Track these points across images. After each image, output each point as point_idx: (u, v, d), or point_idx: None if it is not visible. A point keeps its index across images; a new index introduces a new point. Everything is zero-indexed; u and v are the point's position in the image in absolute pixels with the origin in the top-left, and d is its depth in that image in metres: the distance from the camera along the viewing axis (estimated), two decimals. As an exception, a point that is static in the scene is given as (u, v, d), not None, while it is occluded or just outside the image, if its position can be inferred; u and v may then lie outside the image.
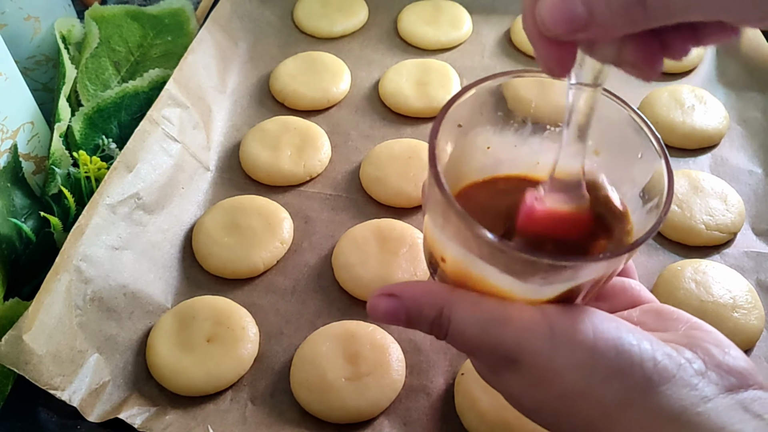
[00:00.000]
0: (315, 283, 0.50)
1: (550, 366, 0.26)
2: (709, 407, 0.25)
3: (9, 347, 0.38)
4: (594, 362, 0.26)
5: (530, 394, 0.28)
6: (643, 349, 0.26)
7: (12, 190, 0.50)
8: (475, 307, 0.27)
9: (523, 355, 0.27)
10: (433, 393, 0.44)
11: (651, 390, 0.25)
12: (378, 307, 0.29)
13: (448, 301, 0.28)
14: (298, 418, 0.42)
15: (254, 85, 0.65)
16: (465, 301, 0.28)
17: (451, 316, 0.28)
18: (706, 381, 0.25)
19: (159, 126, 0.52)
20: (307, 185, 0.56)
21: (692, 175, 0.54)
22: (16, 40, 0.56)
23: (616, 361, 0.25)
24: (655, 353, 0.26)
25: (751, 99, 0.64)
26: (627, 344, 0.26)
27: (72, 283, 0.43)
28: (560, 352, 0.26)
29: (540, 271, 0.26)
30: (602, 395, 0.26)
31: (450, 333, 0.28)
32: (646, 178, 0.29)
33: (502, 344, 0.27)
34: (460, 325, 0.27)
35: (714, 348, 0.27)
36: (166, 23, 0.65)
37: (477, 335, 0.27)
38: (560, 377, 0.26)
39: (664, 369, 0.25)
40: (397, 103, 0.62)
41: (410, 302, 0.29)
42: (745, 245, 0.52)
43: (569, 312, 0.27)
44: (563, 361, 0.26)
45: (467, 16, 0.71)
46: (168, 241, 0.51)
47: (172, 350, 0.44)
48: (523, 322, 0.27)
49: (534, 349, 0.26)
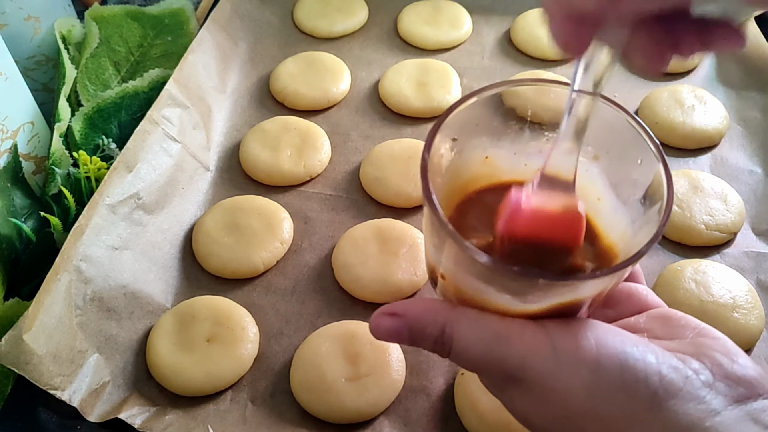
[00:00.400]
0: (315, 283, 0.50)
1: (554, 386, 0.26)
2: (718, 421, 0.24)
3: (9, 347, 0.38)
4: (598, 380, 0.25)
5: (537, 412, 0.27)
6: (648, 364, 0.25)
7: (12, 190, 0.50)
8: (478, 325, 0.27)
9: (527, 374, 0.26)
10: (433, 393, 0.44)
11: (657, 406, 0.25)
12: (380, 326, 0.29)
13: (450, 319, 0.28)
14: (298, 419, 0.42)
15: (254, 85, 0.65)
16: (467, 318, 0.27)
17: (453, 334, 0.27)
18: (714, 393, 0.25)
19: (159, 126, 0.52)
20: (307, 185, 0.56)
21: (692, 175, 0.54)
22: (16, 40, 0.56)
23: (621, 378, 0.25)
24: (661, 367, 0.25)
25: (751, 99, 0.64)
26: (631, 359, 0.25)
27: (72, 283, 0.43)
28: (564, 371, 0.26)
29: (537, 290, 0.26)
30: (607, 413, 0.25)
31: (453, 351, 0.28)
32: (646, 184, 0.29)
33: (506, 363, 0.26)
34: (462, 344, 0.27)
35: (722, 357, 0.26)
36: (166, 23, 0.65)
37: (480, 354, 0.27)
38: (565, 397, 0.26)
39: (670, 383, 0.25)
40: (397, 103, 0.62)
41: (412, 321, 0.28)
42: (745, 245, 0.52)
43: (571, 328, 0.26)
44: (567, 381, 0.26)
45: (467, 16, 0.71)
46: (168, 241, 0.51)
47: (172, 350, 0.44)
48: (525, 341, 0.26)
49: (537, 368, 0.26)
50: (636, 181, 0.29)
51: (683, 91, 0.61)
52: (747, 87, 0.65)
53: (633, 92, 0.63)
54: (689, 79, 0.66)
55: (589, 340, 0.26)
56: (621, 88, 0.64)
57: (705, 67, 0.67)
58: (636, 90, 0.63)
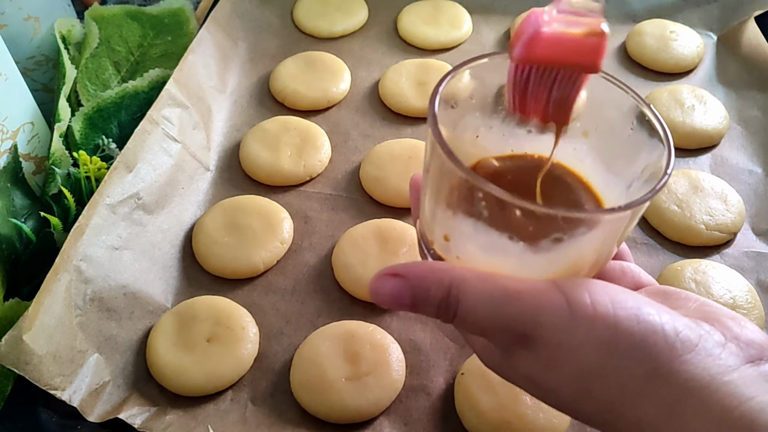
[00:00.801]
0: (315, 283, 0.50)
1: (569, 343, 0.25)
2: (736, 377, 0.24)
3: (9, 347, 0.38)
4: (616, 335, 0.24)
5: (546, 373, 0.26)
6: (664, 320, 0.25)
7: (12, 190, 0.50)
8: (486, 283, 0.26)
9: (540, 331, 0.25)
10: (433, 393, 0.44)
11: (676, 359, 0.24)
12: (381, 288, 0.27)
13: (457, 279, 0.26)
14: (298, 418, 0.42)
15: (254, 85, 0.65)
16: (474, 277, 0.26)
17: (460, 294, 0.26)
18: (727, 352, 0.25)
19: (159, 126, 0.52)
20: (307, 185, 0.56)
21: (692, 175, 0.54)
22: (16, 40, 0.56)
23: (638, 331, 0.24)
24: (676, 323, 0.25)
25: (751, 98, 0.64)
26: (647, 315, 0.25)
27: (72, 283, 0.43)
28: (580, 327, 0.25)
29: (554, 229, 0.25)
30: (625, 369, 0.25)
31: (459, 314, 0.26)
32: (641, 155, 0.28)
33: (517, 321, 0.25)
34: (469, 304, 0.26)
35: (730, 321, 0.26)
36: (166, 23, 0.65)
37: (489, 313, 0.26)
38: (580, 354, 0.25)
39: (686, 338, 0.24)
40: (397, 103, 0.62)
41: (416, 282, 0.27)
42: (745, 245, 0.52)
43: (585, 284, 0.26)
44: (583, 338, 0.25)
45: (467, 16, 0.71)
46: (168, 241, 0.51)
47: (172, 350, 0.44)
48: (537, 297, 0.25)
49: (552, 324, 0.25)
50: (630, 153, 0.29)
51: (683, 91, 0.61)
52: (747, 87, 0.65)
53: (633, 92, 0.63)
54: (689, 79, 0.66)
55: (603, 297, 0.25)
56: (621, 88, 0.64)
57: (705, 67, 0.67)
58: (636, 90, 0.63)
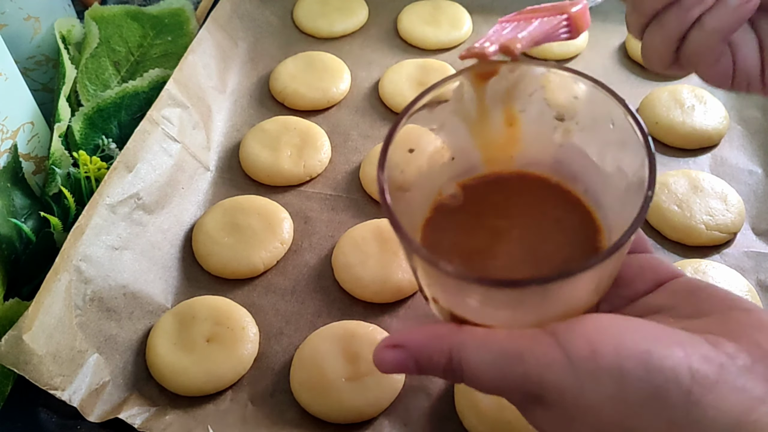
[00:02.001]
0: (315, 283, 0.50)
1: (577, 401, 0.24)
2: (764, 411, 0.22)
3: (9, 347, 0.38)
4: (624, 389, 0.23)
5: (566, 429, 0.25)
6: (676, 360, 0.23)
7: (12, 190, 0.50)
8: (485, 346, 0.25)
9: (547, 391, 0.24)
10: (433, 393, 0.43)
11: (694, 407, 0.22)
12: (385, 360, 0.27)
13: (456, 344, 0.26)
14: (298, 418, 0.42)
15: (254, 85, 0.65)
16: (473, 340, 0.26)
17: (462, 361, 0.26)
18: (754, 378, 0.22)
19: (159, 126, 0.52)
20: (307, 185, 0.56)
21: (692, 175, 0.54)
22: (16, 40, 0.56)
23: (648, 382, 0.23)
24: (691, 360, 0.23)
25: (751, 98, 0.63)
26: (657, 359, 0.23)
27: (72, 283, 0.43)
28: (585, 384, 0.23)
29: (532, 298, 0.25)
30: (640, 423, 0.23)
31: (465, 377, 0.26)
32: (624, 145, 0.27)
33: (523, 382, 0.25)
34: (473, 370, 0.25)
35: (758, 333, 0.24)
36: (166, 23, 0.65)
37: (494, 378, 0.25)
38: (592, 411, 0.24)
39: (704, 377, 0.22)
40: (397, 103, 0.62)
41: (417, 351, 0.27)
42: (745, 245, 0.52)
43: (584, 330, 0.24)
44: (590, 394, 0.23)
45: (467, 16, 0.71)
46: (168, 241, 0.51)
47: (172, 350, 0.44)
48: (538, 357, 0.24)
49: (557, 384, 0.24)
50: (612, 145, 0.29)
51: (683, 91, 0.61)
52: (747, 87, 0.65)
53: (633, 92, 0.63)
54: (689, 79, 0.66)
55: (606, 345, 0.23)
56: (621, 88, 0.64)
57: (705, 67, 0.67)
58: (636, 90, 0.63)
